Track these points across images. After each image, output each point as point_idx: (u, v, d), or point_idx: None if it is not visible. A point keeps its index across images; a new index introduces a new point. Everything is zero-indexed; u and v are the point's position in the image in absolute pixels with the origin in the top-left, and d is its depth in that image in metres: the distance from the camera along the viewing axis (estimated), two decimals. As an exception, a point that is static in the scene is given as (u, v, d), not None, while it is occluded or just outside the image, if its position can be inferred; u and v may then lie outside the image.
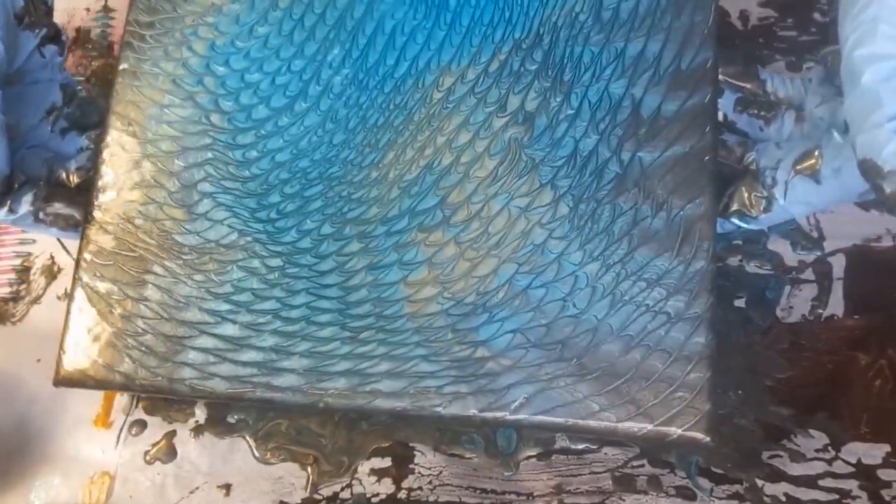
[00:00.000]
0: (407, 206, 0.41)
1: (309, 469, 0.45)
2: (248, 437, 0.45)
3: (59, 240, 0.51)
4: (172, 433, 0.46)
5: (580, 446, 0.45)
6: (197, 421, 0.46)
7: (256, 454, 0.45)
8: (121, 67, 0.45)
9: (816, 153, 0.39)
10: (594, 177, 0.41)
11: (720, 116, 0.44)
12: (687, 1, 0.43)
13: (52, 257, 0.52)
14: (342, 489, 0.45)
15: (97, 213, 0.42)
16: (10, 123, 0.41)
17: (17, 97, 0.43)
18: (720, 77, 0.44)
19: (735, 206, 0.42)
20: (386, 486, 0.45)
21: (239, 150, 0.43)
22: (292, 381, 0.39)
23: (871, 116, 0.32)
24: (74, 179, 0.45)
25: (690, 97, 0.41)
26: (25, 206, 0.42)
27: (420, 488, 0.45)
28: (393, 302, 0.40)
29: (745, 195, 0.42)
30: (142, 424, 0.46)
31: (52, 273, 0.52)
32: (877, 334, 0.47)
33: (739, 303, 0.48)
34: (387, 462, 0.47)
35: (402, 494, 0.46)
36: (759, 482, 0.44)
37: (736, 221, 0.42)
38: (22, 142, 0.43)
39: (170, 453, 0.46)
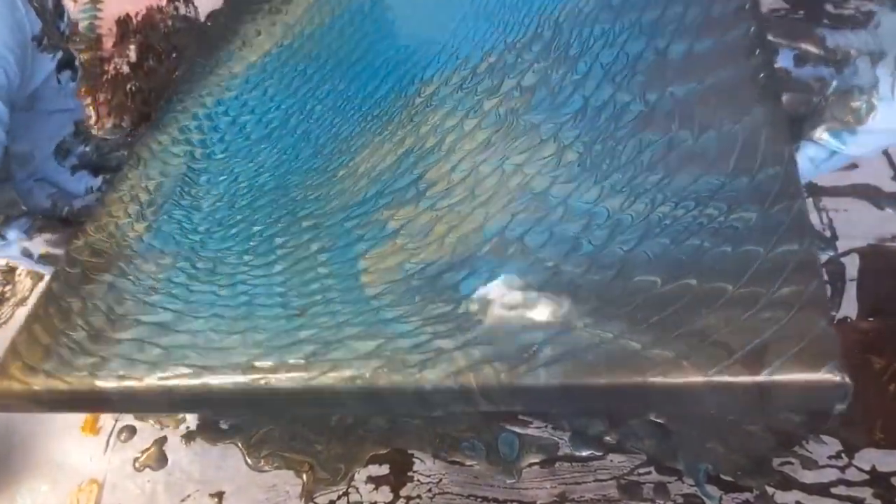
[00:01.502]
0: (375, 190, 0.37)
1: (304, 476, 0.44)
2: (240, 444, 0.44)
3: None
4: (163, 439, 0.45)
5: (584, 453, 0.43)
6: (188, 427, 0.44)
7: (249, 461, 0.44)
8: (154, 116, 0.49)
9: None
10: (611, 120, 0.34)
11: (783, 73, 0.38)
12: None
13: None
14: (338, 497, 0.44)
15: (87, 226, 0.42)
16: (24, 150, 0.42)
17: (31, 123, 0.44)
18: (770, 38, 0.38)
19: (826, 123, 0.34)
20: (384, 495, 0.44)
21: (206, 175, 0.43)
22: (234, 358, 0.31)
23: None
24: (78, 218, 0.45)
25: (728, 32, 0.35)
26: (14, 235, 0.42)
27: (419, 496, 0.44)
28: (346, 276, 0.33)
29: (838, 108, 0.34)
30: (131, 430, 0.45)
31: (37, 274, 0.51)
32: (891, 337, 0.46)
33: None
34: (384, 469, 0.45)
35: (401, 503, 0.44)
36: (770, 490, 0.42)
37: (828, 141, 0.34)
38: (33, 171, 0.44)
39: (160, 460, 0.44)
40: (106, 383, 0.33)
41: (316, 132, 0.43)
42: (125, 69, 0.61)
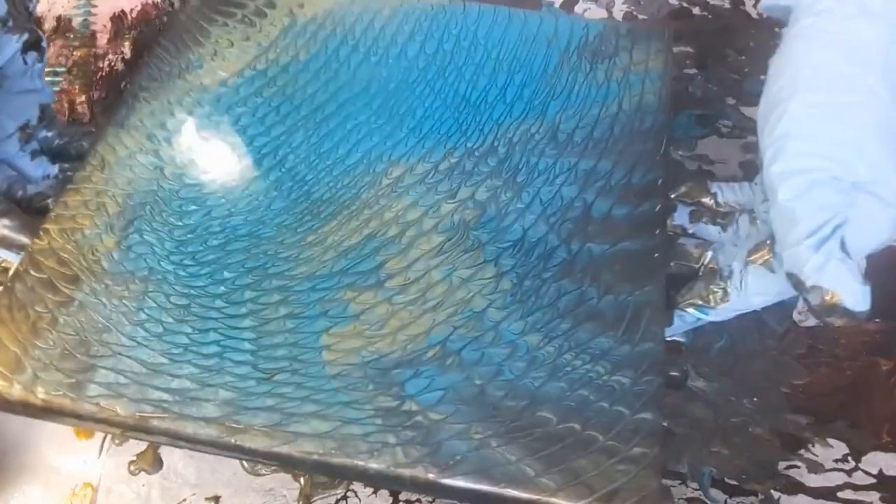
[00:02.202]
0: (340, 266, 0.42)
1: (301, 480, 0.43)
2: None
3: None
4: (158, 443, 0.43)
5: None
6: None
7: (245, 465, 0.43)
8: (114, 117, 0.49)
9: (768, 243, 0.39)
10: (540, 260, 0.42)
11: (678, 229, 0.46)
12: (640, 132, 0.48)
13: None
14: (336, 501, 0.44)
15: (49, 226, 0.43)
16: None
17: None
18: (671, 195, 0.47)
19: (691, 299, 0.42)
20: (383, 498, 0.43)
21: (178, 201, 0.46)
22: (208, 411, 0.37)
23: (790, 233, 0.33)
24: (31, 204, 0.45)
25: (640, 205, 0.45)
26: None
27: (418, 500, 0.43)
28: (311, 349, 0.39)
29: (703, 287, 0.42)
30: None
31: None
32: (898, 339, 0.46)
33: None
34: (384, 472, 0.46)
35: (400, 506, 0.43)
36: (776, 494, 0.42)
37: (693, 312, 0.42)
38: None
39: (155, 464, 0.43)
40: (84, 408, 0.37)
41: (288, 184, 0.47)
42: (120, 66, 0.61)
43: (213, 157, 0.48)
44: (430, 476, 0.35)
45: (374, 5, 0.57)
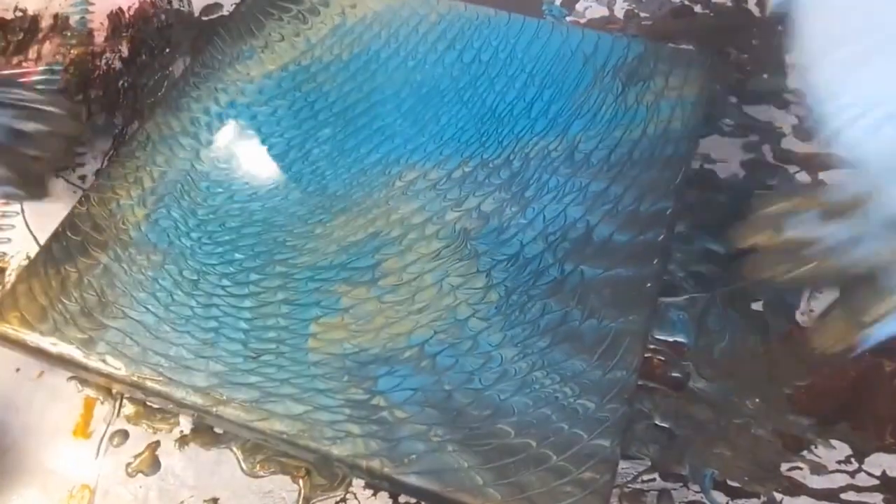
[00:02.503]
0: (340, 260, 0.45)
1: (300, 482, 0.43)
2: (235, 449, 0.43)
3: (35, 240, 0.52)
4: (156, 444, 0.44)
5: None
6: (182, 431, 0.44)
7: (244, 466, 0.43)
8: (165, 99, 0.54)
9: None
10: (532, 276, 0.44)
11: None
12: (659, 160, 0.48)
13: (28, 257, 0.51)
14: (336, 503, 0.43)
15: (91, 193, 0.49)
16: None
17: None
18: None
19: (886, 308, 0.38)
20: (382, 500, 0.43)
21: (206, 183, 0.49)
22: (197, 380, 0.40)
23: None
24: None
25: (643, 233, 0.45)
26: None
27: (419, 502, 0.42)
28: (299, 335, 0.42)
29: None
30: (123, 435, 0.44)
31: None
32: (903, 339, 0.45)
33: (757, 306, 0.47)
34: (383, 473, 0.45)
35: (400, 508, 0.43)
36: (778, 496, 0.41)
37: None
38: None
39: (153, 465, 0.43)
40: (91, 362, 0.42)
41: (308, 177, 0.50)
42: (117, 64, 0.61)
43: (244, 144, 0.52)
44: (385, 470, 0.38)
45: (423, 10, 0.59)
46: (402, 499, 0.43)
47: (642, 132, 0.50)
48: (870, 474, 0.42)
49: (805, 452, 0.43)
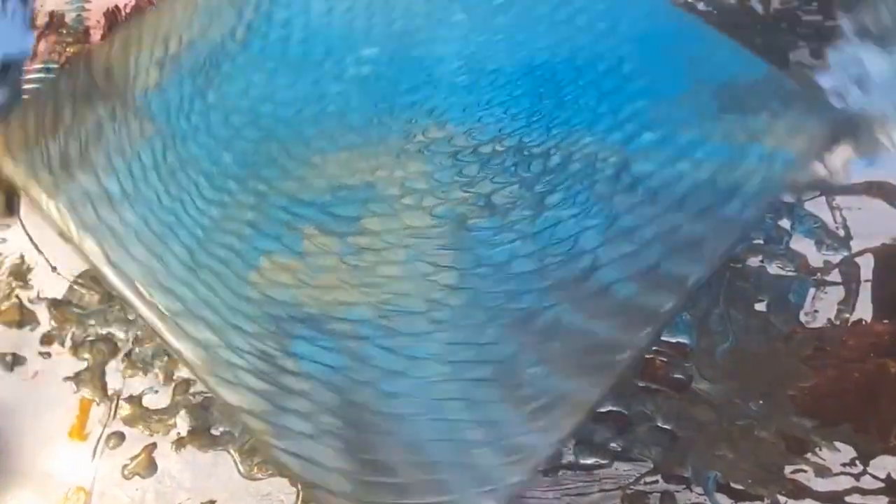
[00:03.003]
0: (323, 200, 0.41)
1: (299, 485, 0.42)
2: (232, 451, 0.43)
3: (30, 239, 0.50)
4: (152, 446, 0.44)
5: (589, 461, 0.42)
6: (179, 433, 0.44)
7: (242, 469, 0.43)
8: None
9: None
10: (505, 297, 0.39)
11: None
12: (713, 216, 0.41)
13: (21, 257, 0.50)
14: None
15: (117, 35, 0.47)
16: None
17: None
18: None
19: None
20: None
21: (228, 65, 0.46)
22: (129, 267, 0.39)
23: None
24: None
25: (649, 296, 0.39)
26: None
27: None
28: (245, 264, 0.39)
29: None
30: (120, 436, 0.44)
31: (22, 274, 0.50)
32: (908, 341, 0.45)
33: (760, 306, 0.45)
34: (383, 474, 0.46)
35: (398, 509, 0.46)
36: (782, 498, 0.41)
37: None
38: None
39: (150, 467, 0.43)
40: (49, 210, 0.42)
41: (331, 96, 0.45)
42: None
43: (281, 36, 0.47)
44: (259, 433, 0.36)
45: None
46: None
47: (711, 175, 0.42)
48: (875, 477, 0.41)
49: (809, 455, 0.42)
